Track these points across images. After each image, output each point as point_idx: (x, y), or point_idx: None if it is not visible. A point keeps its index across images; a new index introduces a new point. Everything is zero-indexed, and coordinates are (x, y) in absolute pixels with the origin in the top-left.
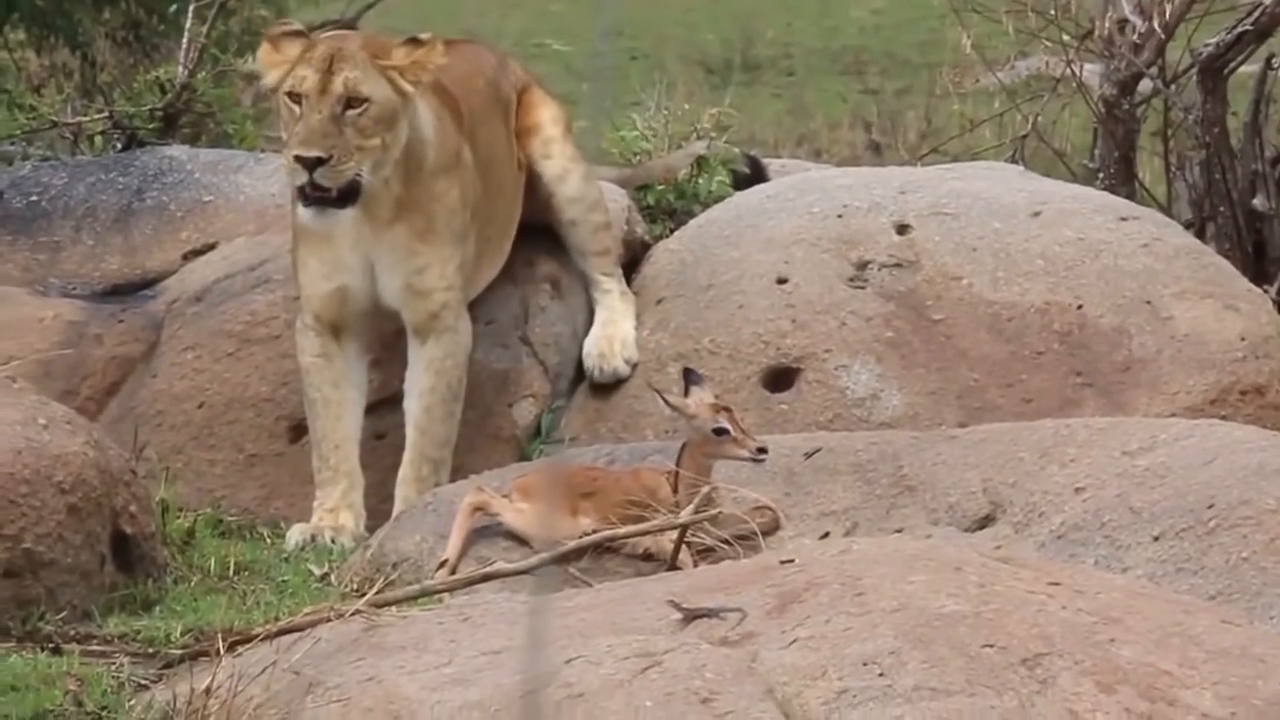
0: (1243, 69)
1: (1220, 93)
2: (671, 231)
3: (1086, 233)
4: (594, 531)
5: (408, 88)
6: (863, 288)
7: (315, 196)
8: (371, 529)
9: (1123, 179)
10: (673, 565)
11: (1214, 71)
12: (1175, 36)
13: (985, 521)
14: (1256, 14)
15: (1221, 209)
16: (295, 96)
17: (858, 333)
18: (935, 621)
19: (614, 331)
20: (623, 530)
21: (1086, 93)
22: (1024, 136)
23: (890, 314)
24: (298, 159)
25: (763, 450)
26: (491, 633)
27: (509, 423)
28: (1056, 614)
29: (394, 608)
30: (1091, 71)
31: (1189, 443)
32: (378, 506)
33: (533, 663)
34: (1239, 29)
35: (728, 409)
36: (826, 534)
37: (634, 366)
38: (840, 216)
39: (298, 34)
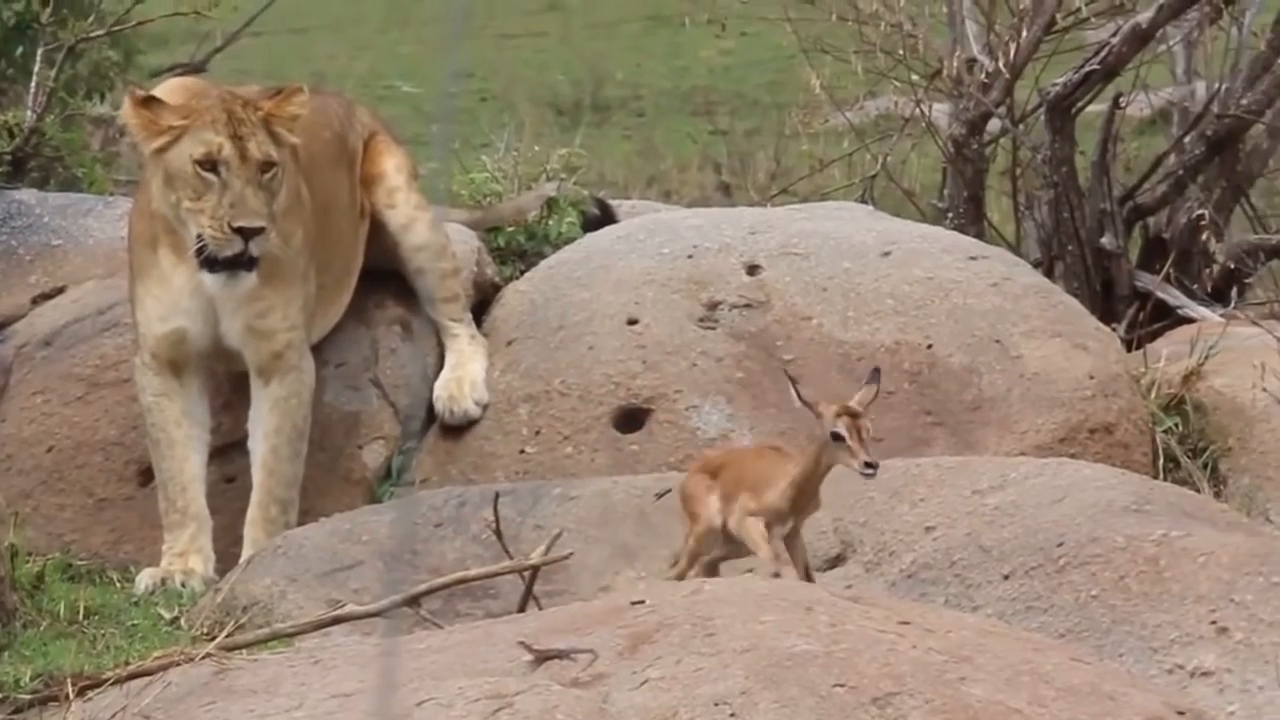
0: (1090, 108)
1: (1068, 132)
2: (522, 273)
3: (936, 272)
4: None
5: (291, 140)
6: (713, 328)
7: (228, 262)
8: (222, 572)
9: (972, 218)
10: (522, 607)
11: (1062, 111)
12: (1023, 76)
13: (836, 561)
14: (1103, 53)
15: (1070, 248)
16: (210, 164)
17: (708, 373)
18: (786, 661)
19: (463, 374)
20: (474, 572)
21: (935, 132)
22: (873, 176)
23: (741, 354)
24: (240, 230)
25: (871, 465)
26: (342, 675)
27: (359, 465)
28: (907, 653)
29: (244, 651)
30: (940, 111)
31: (1038, 481)
32: (228, 550)
33: (384, 706)
34: (1086, 68)
35: (856, 416)
36: None
37: (484, 408)
38: (690, 257)
39: (158, 100)
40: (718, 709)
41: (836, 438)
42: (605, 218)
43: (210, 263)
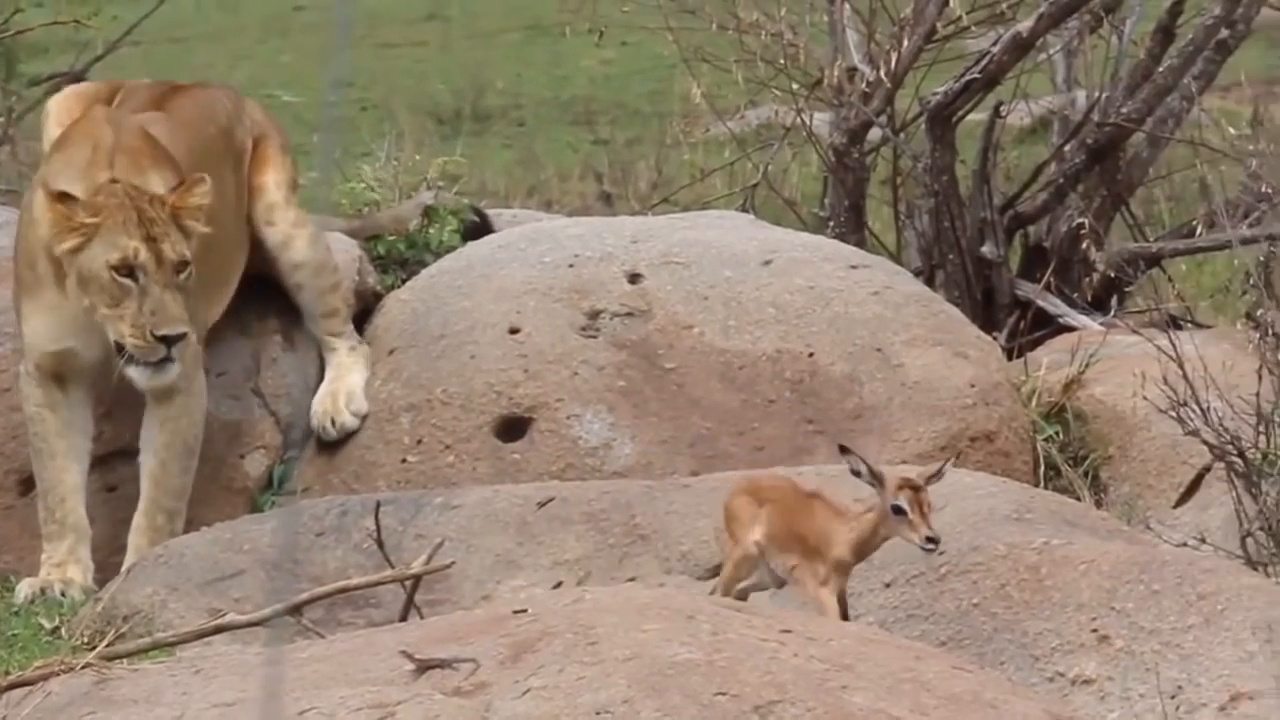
0: (971, 117)
1: (949, 141)
2: (403, 282)
3: (817, 281)
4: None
5: (200, 229)
6: (595, 337)
7: (157, 362)
8: (104, 581)
9: (853, 227)
10: (404, 617)
11: (942, 120)
12: (904, 85)
13: (718, 569)
14: (984, 62)
15: (950, 256)
16: (126, 270)
17: (590, 382)
18: (668, 670)
19: (339, 387)
20: (356, 581)
21: (816, 141)
22: (754, 185)
23: (622, 363)
24: (162, 339)
25: (932, 540)
26: (224, 685)
27: (240, 474)
28: (789, 661)
29: (125, 661)
30: (821, 120)
31: None
32: (108, 560)
33: (266, 715)
34: (967, 77)
35: (918, 489)
36: (559, 583)
37: (363, 418)
38: (572, 266)
39: (70, 197)
40: (600, 717)
41: (898, 511)
42: (483, 227)
43: (138, 361)
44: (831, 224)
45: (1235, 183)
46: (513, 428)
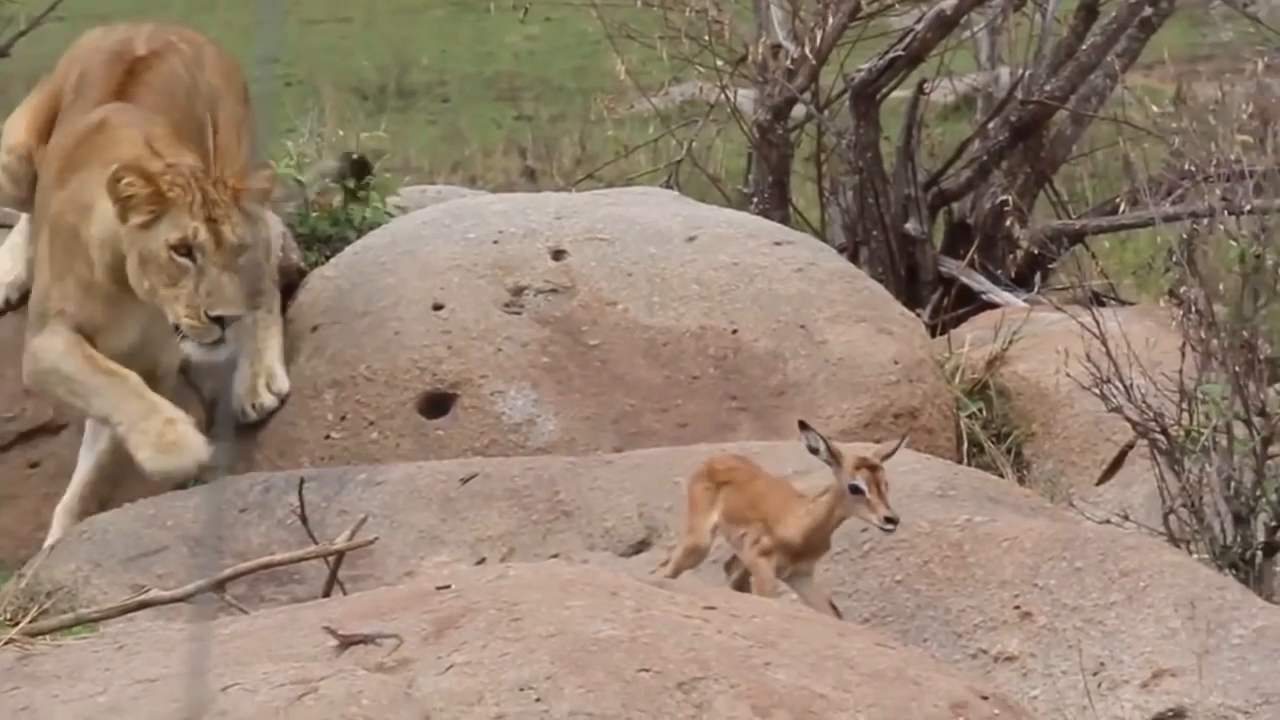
0: (895, 94)
1: (873, 118)
2: (327, 259)
3: (741, 257)
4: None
5: (262, 214)
6: (519, 313)
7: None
8: (25, 559)
9: (777, 204)
10: (327, 592)
11: (867, 97)
12: (829, 62)
13: (641, 546)
14: (908, 40)
15: (874, 233)
16: (185, 250)
17: (514, 358)
18: (591, 646)
19: (259, 368)
20: (279, 557)
21: (740, 118)
22: (679, 162)
23: (546, 339)
24: (217, 319)
25: (891, 520)
26: (147, 661)
27: None
28: (712, 638)
29: (48, 637)
30: (746, 97)
31: None
32: (32, 535)
33: (189, 691)
34: (891, 54)
35: (875, 469)
36: (483, 560)
37: (285, 397)
38: (496, 243)
39: (139, 171)
40: (523, 694)
41: (855, 490)
42: (361, 170)
43: (186, 337)
44: (756, 200)
45: (1158, 160)
46: (436, 404)
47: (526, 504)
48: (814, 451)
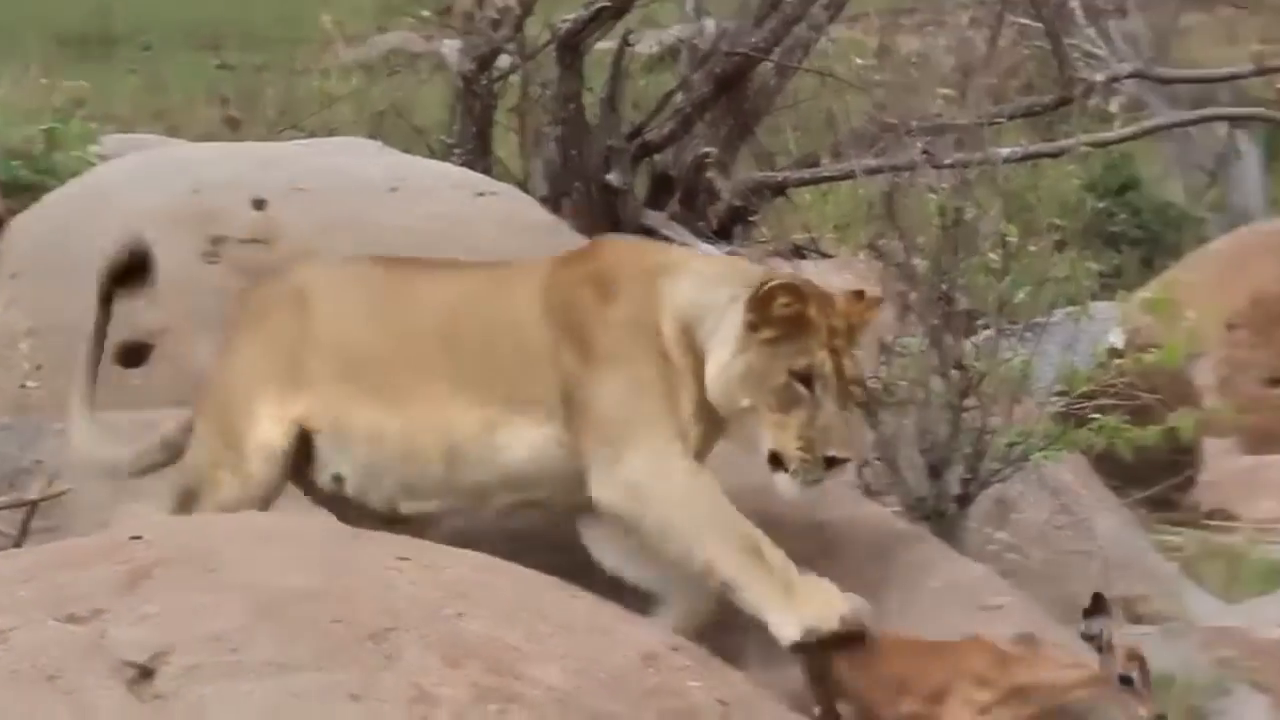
0: (600, 45)
1: (577, 68)
2: (27, 206)
3: (444, 208)
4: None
5: (856, 351)
6: (216, 263)
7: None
8: None
9: (480, 154)
10: (19, 543)
11: (571, 48)
12: (534, 12)
13: None
14: None
15: (577, 184)
16: (806, 377)
17: (212, 309)
18: (286, 597)
19: None
20: None
21: (445, 68)
22: (382, 112)
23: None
24: (829, 460)
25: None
26: None
27: None
28: (405, 589)
29: None
30: (451, 48)
31: None
32: None
33: None
34: (597, 5)
35: (1142, 660)
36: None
37: None
38: (197, 192)
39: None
40: (217, 644)
41: (1126, 682)
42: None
43: (783, 469)
44: (459, 151)
45: (861, 113)
46: (134, 354)
47: None
48: (1088, 639)
